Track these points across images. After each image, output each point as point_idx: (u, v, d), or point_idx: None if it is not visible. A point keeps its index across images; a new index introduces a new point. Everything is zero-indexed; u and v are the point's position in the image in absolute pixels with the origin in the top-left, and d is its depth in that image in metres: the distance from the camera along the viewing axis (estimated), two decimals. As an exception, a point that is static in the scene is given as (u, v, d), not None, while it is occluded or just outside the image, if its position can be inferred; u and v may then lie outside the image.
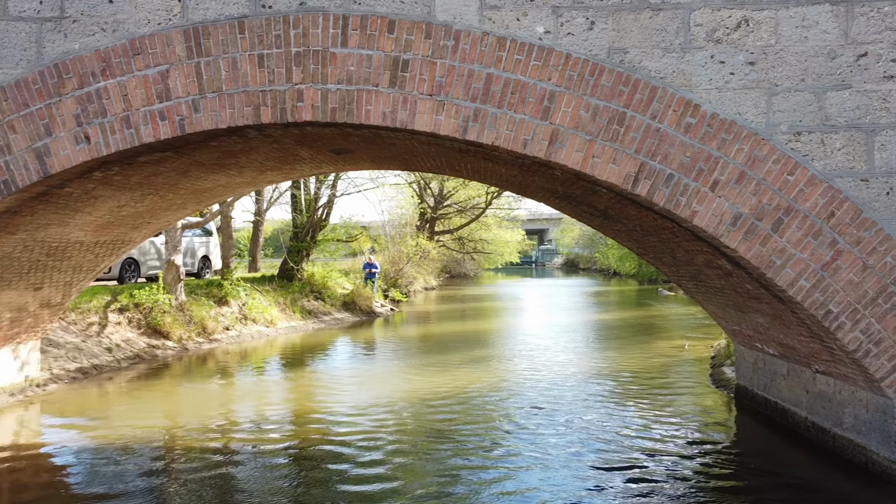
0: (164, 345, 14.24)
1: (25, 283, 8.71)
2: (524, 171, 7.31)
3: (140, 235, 10.10)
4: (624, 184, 6.20)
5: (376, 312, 22.89)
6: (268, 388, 11.60)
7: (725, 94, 6.21)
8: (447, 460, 7.19)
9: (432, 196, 37.48)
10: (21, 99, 6.64)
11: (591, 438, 7.89)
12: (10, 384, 9.69)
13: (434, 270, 38.94)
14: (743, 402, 9.61)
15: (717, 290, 8.14)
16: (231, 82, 6.44)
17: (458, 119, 6.28)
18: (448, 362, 13.26)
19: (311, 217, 22.46)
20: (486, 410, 9.42)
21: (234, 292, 17.53)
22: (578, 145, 6.20)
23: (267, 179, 10.07)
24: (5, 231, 7.40)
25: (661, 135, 6.15)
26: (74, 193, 7.41)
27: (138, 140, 6.53)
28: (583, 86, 6.20)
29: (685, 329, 18.37)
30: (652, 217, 6.89)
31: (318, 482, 6.58)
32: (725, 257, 6.62)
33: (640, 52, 6.26)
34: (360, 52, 6.34)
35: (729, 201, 6.13)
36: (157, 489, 6.39)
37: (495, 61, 6.25)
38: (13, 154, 6.62)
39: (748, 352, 9.41)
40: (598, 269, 60.03)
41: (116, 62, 6.55)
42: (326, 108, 6.38)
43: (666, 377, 11.78)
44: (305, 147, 7.81)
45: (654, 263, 9.64)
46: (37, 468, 7.10)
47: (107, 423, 8.83)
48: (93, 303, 13.74)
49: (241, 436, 8.32)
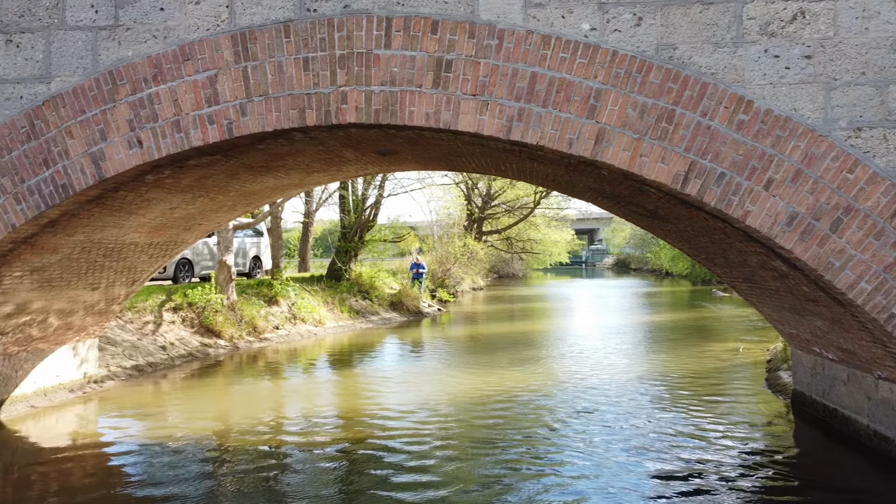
0: (216, 343, 14.56)
1: (84, 282, 9.01)
2: (570, 170, 7.20)
3: (192, 237, 10.34)
4: (673, 183, 6.03)
5: (423, 312, 22.94)
6: (317, 387, 11.73)
7: (780, 89, 5.98)
8: (495, 466, 7.12)
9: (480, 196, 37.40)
10: (78, 105, 6.86)
11: (644, 444, 7.70)
12: (69, 381, 10.04)
13: (482, 271, 38.85)
14: (800, 409, 9.26)
15: (772, 292, 7.86)
16: (277, 86, 6.52)
17: (502, 119, 6.22)
18: (496, 363, 13.19)
19: (359, 218, 22.66)
20: (534, 414, 9.31)
21: (283, 292, 17.81)
22: (625, 144, 6.07)
23: (314, 181, 10.18)
24: (64, 233, 7.66)
25: (711, 132, 5.96)
26: (128, 196, 7.62)
27: (188, 144, 6.67)
28: (630, 83, 6.06)
29: (740, 331, 17.87)
30: (703, 217, 6.69)
31: (365, 484, 6.59)
32: (781, 259, 6.38)
33: (689, 48, 6.08)
34: (404, 54, 6.33)
35: (784, 200, 5.90)
36: (209, 486, 6.51)
37: (540, 60, 6.16)
38: (71, 159, 6.84)
39: (806, 356, 9.07)
40: (650, 270, 58.99)
41: (167, 68, 6.70)
42: (370, 109, 6.40)
43: (720, 381, 11.46)
44: (350, 149, 7.86)
45: (706, 265, 9.38)
46: (94, 463, 7.32)
47: (162, 419, 9.06)
48: (148, 302, 14.14)
49: (290, 435, 8.42)
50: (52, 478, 6.79)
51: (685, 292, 35.38)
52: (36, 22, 6.99)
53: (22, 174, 6.91)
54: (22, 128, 6.93)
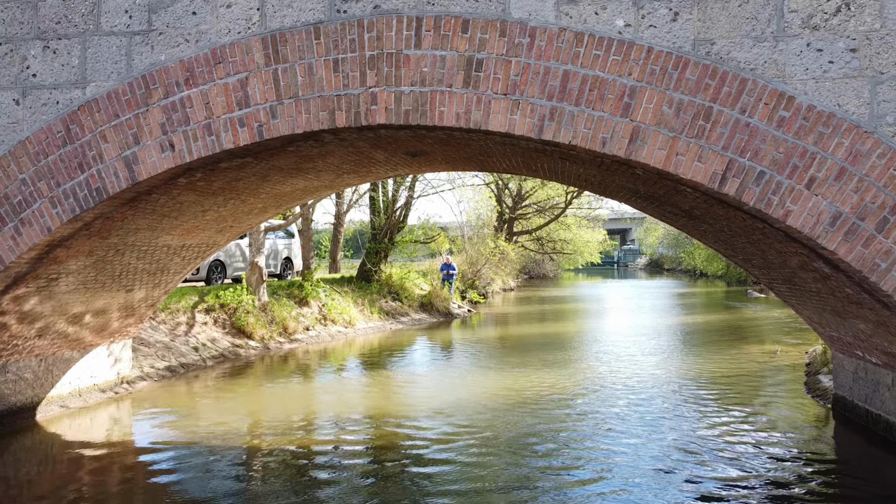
0: (248, 344, 14.66)
1: (118, 284, 9.11)
2: (603, 170, 7.06)
3: (224, 238, 10.41)
4: (710, 183, 5.87)
5: (454, 314, 22.86)
6: (347, 388, 11.73)
7: (823, 84, 5.78)
8: (526, 469, 7.02)
9: (510, 196, 37.19)
10: (112, 110, 6.92)
11: (681, 449, 7.52)
12: (103, 381, 10.18)
13: (512, 271, 38.63)
14: (841, 414, 8.98)
15: (813, 294, 7.62)
16: (307, 88, 6.50)
17: (534, 118, 6.11)
18: (527, 365, 13.05)
19: (389, 218, 22.67)
20: (567, 416, 9.17)
21: (314, 293, 17.88)
22: (661, 143, 5.92)
23: (344, 182, 10.18)
24: (98, 236, 7.75)
25: (751, 130, 5.78)
26: (161, 199, 7.68)
27: (219, 147, 6.68)
28: (665, 80, 5.91)
29: (776, 333, 17.47)
30: (741, 217, 6.50)
31: (394, 489, 6.53)
32: (823, 260, 6.17)
33: (728, 43, 5.91)
34: (434, 53, 6.27)
35: (827, 200, 5.70)
36: (240, 487, 6.52)
37: (572, 57, 6.04)
38: (104, 163, 6.91)
39: (847, 360, 8.78)
40: (684, 270, 58.16)
41: (199, 71, 6.73)
42: (400, 110, 6.34)
43: (757, 385, 11.19)
44: (380, 150, 7.82)
45: (743, 266, 9.15)
46: (127, 464, 7.38)
47: (194, 420, 9.13)
48: (181, 303, 14.29)
49: (321, 436, 8.42)
50: (86, 478, 6.87)
51: (720, 293, 34.77)
52: (72, 28, 7.07)
53: (58, 178, 7.00)
54: (58, 132, 7.02)
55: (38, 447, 8.00)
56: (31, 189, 7.04)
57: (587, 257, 48.65)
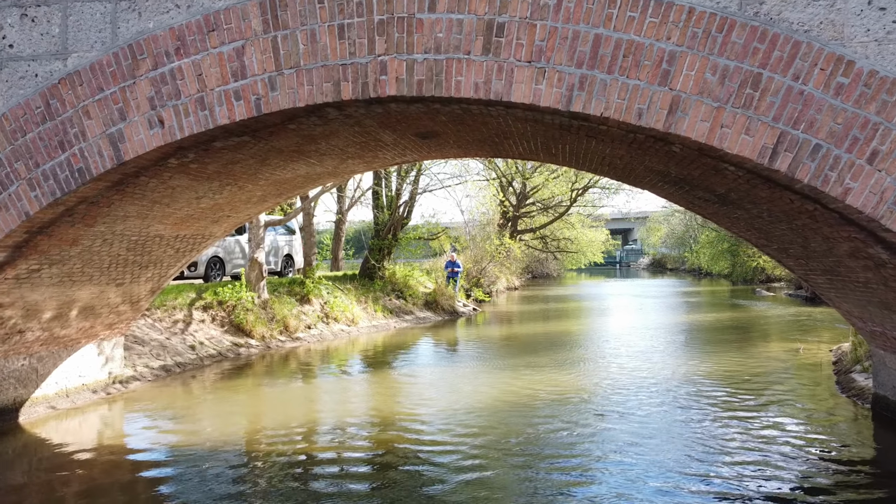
0: (247, 343, 14.06)
1: (107, 278, 8.51)
2: (634, 149, 6.45)
3: (220, 230, 9.81)
4: (759, 158, 5.26)
5: (459, 312, 22.29)
6: (350, 388, 11.14)
7: (887, 46, 5.17)
8: (534, 472, 6.45)
9: (514, 194, 36.60)
10: (96, 83, 6.33)
11: (709, 454, 6.93)
12: (93, 381, 9.57)
13: (517, 270, 38.04)
14: (882, 414, 8.38)
15: (859, 285, 7.01)
16: (309, 56, 5.91)
17: (562, 88, 5.51)
18: (533, 364, 12.44)
19: (393, 215, 22.08)
20: (577, 417, 8.55)
21: (316, 291, 17.29)
22: (704, 114, 5.32)
23: (348, 168, 9.56)
24: (83, 223, 7.15)
25: (805, 98, 5.18)
26: (151, 183, 7.08)
27: (213, 122, 6.09)
28: (709, 44, 5.31)
29: (793, 331, 16.86)
30: (788, 199, 5.90)
31: (398, 492, 5.95)
32: (882, 244, 5.57)
33: (779, 2, 5.30)
34: (450, 17, 5.66)
35: (892, 176, 5.10)
36: (238, 492, 5.93)
37: (604, 20, 5.44)
38: (87, 141, 6.32)
39: (890, 357, 8.18)
40: (687, 270, 57.57)
41: (191, 40, 6.13)
42: (412, 80, 5.74)
43: (785, 384, 10.57)
44: (389, 130, 7.22)
45: (775, 256, 8.54)
46: (118, 470, 6.77)
47: (190, 422, 8.54)
48: (178, 300, 13.69)
49: (323, 439, 7.84)
50: (74, 486, 6.27)
51: (726, 292, 34.16)
52: (52, -5, 6.48)
53: (37, 158, 6.41)
54: (37, 108, 6.42)
55: (21, 452, 7.38)
56: (8, 170, 6.45)
57: (590, 257, 48.22)
